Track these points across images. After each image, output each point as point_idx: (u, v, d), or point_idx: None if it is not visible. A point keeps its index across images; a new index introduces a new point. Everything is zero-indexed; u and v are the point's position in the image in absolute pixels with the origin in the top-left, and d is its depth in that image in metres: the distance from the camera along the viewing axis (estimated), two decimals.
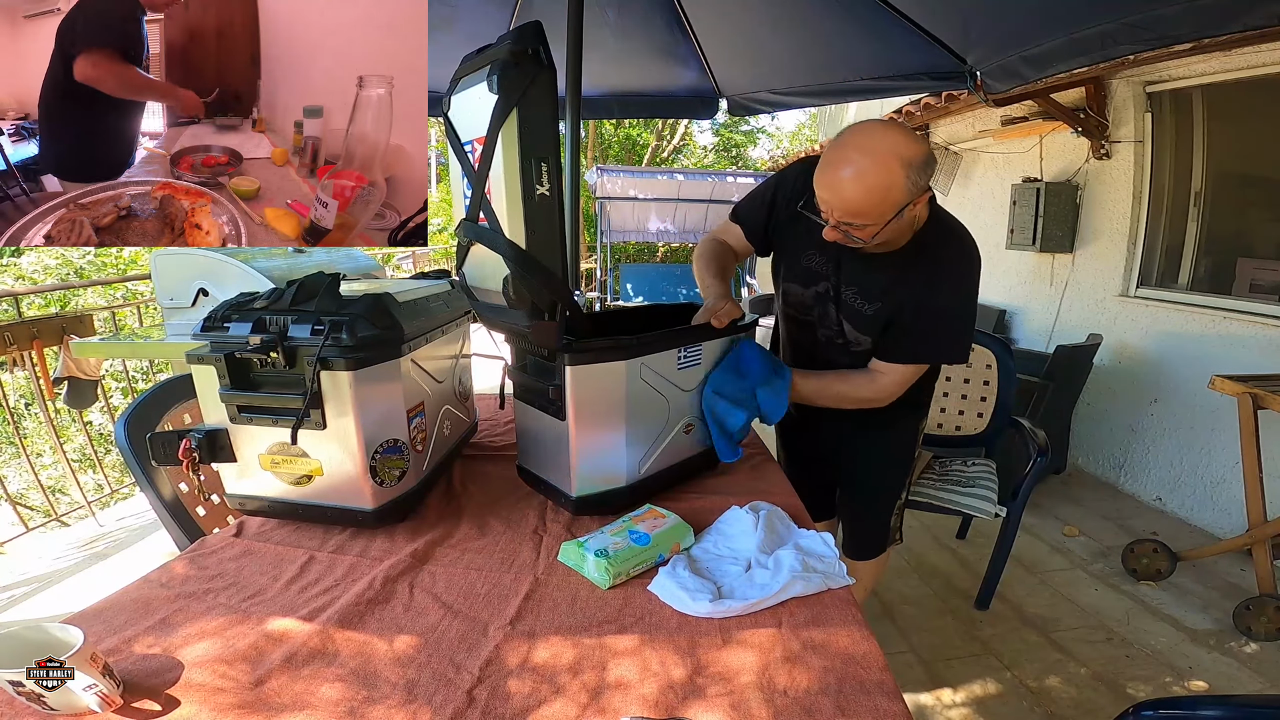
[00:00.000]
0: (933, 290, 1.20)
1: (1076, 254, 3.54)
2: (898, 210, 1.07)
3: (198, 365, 1.01)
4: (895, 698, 0.69)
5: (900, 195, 1.05)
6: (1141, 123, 3.11)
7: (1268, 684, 1.84)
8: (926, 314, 1.21)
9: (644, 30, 2.78)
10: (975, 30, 2.09)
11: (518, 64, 0.86)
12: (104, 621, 0.81)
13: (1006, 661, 1.91)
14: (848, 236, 1.12)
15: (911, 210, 1.10)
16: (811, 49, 2.70)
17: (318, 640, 0.79)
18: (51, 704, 0.64)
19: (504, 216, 0.93)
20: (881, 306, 1.23)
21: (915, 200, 1.08)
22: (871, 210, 1.06)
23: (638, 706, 0.68)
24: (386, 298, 1.06)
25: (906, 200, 1.06)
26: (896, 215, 1.07)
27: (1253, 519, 2.10)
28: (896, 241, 1.19)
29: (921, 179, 1.06)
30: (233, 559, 0.99)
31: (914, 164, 1.04)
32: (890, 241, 1.17)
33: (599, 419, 1.07)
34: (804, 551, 0.95)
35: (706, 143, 15.57)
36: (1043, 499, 3.03)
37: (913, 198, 1.07)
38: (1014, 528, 2.01)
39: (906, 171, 1.03)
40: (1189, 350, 2.90)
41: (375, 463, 1.02)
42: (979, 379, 2.19)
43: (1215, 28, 1.43)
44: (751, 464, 1.38)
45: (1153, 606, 2.19)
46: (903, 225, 1.12)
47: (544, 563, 0.98)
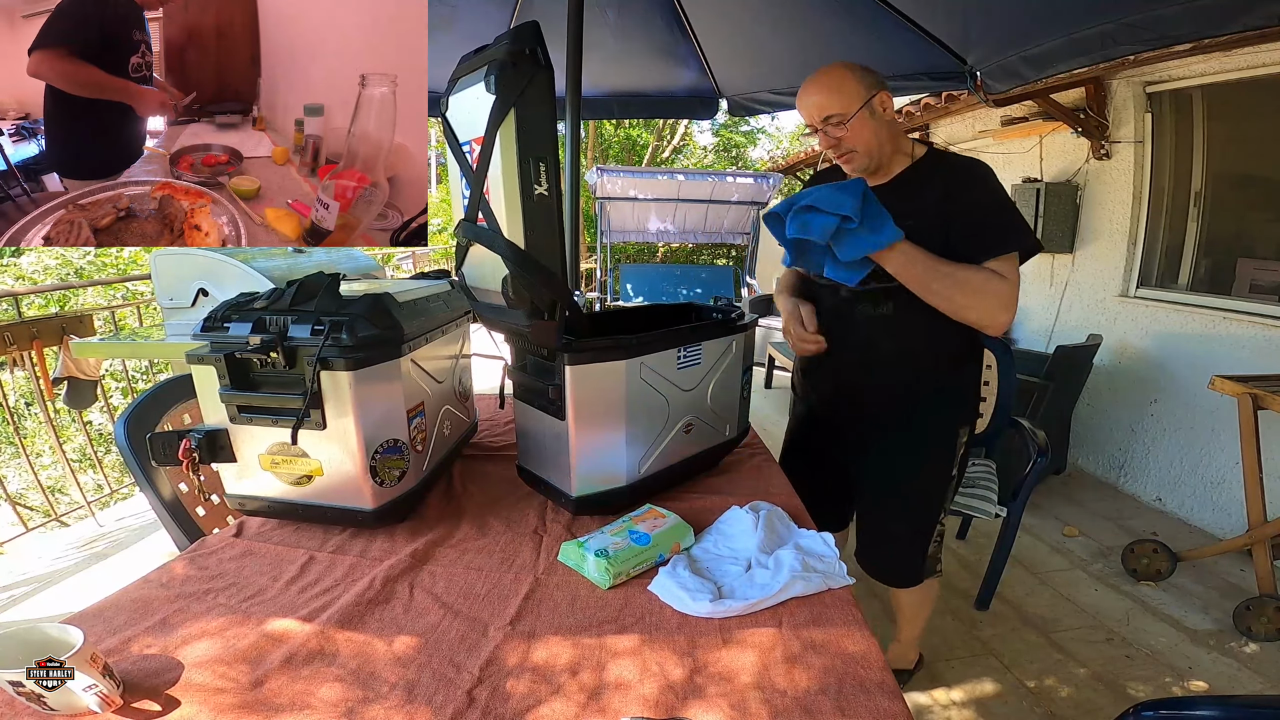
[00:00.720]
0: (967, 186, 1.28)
1: (1076, 254, 3.54)
2: (862, 100, 1.25)
3: (198, 365, 1.01)
4: (895, 698, 0.69)
5: (855, 85, 1.26)
6: (1141, 123, 3.11)
7: (1268, 684, 1.83)
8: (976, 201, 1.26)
9: (644, 30, 2.78)
10: (975, 30, 2.09)
11: (515, 64, 0.86)
12: (104, 622, 0.81)
13: (1006, 661, 1.91)
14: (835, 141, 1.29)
15: (881, 104, 1.28)
16: (811, 49, 2.69)
17: (318, 640, 0.79)
18: (51, 704, 0.64)
19: (503, 216, 0.93)
20: (914, 220, 1.22)
21: (875, 93, 1.27)
22: (836, 99, 1.26)
23: (638, 706, 0.68)
24: (386, 298, 1.06)
25: (865, 91, 1.26)
26: (865, 105, 1.25)
27: (1253, 519, 2.10)
28: (886, 158, 1.33)
29: (869, 77, 1.27)
30: (233, 559, 0.99)
31: (858, 67, 1.28)
32: (878, 157, 1.31)
33: (599, 419, 1.07)
34: (804, 551, 0.95)
35: (706, 143, 15.56)
36: (1043, 499, 3.03)
37: (870, 90, 1.26)
38: (1014, 528, 2.01)
39: (853, 70, 1.27)
40: (1189, 350, 2.90)
41: (375, 463, 1.02)
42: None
43: (1215, 28, 1.43)
44: (751, 464, 1.38)
45: (1153, 606, 2.19)
46: (880, 130, 1.29)
47: (544, 563, 0.98)
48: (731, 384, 1.28)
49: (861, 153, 1.29)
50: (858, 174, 1.33)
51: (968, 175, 1.29)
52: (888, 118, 1.30)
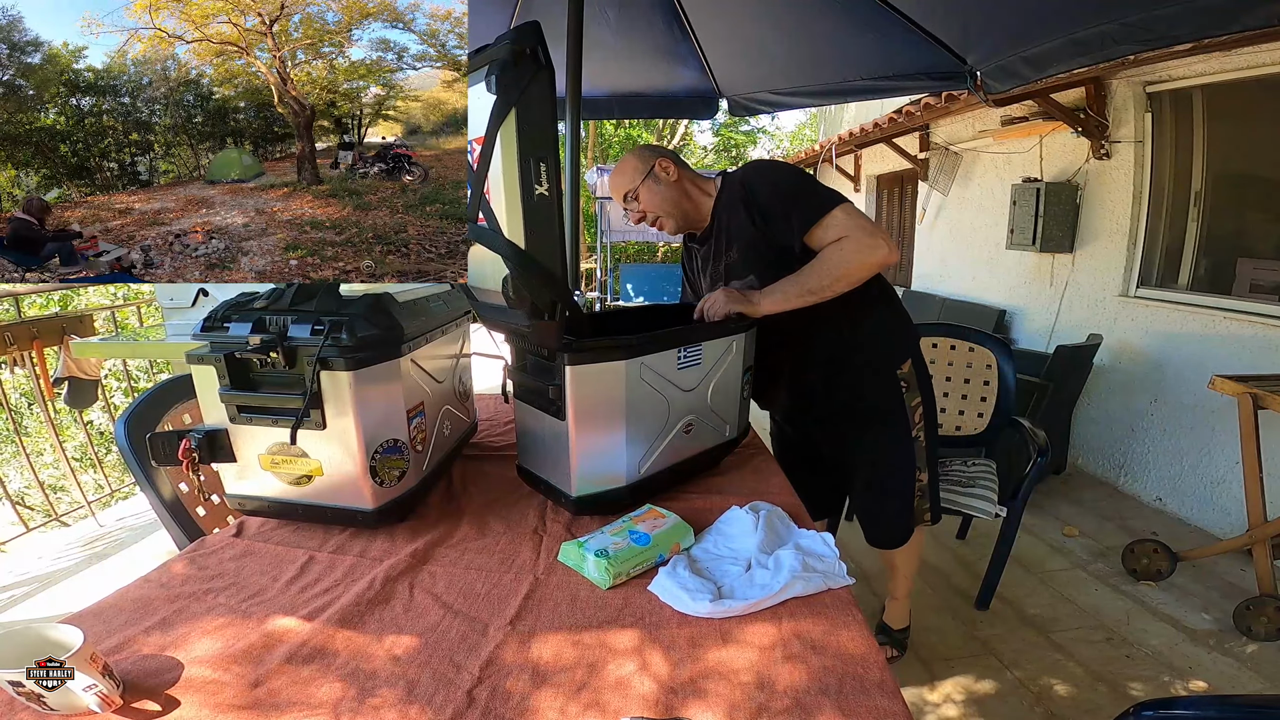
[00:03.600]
0: (757, 185, 1.39)
1: (1076, 254, 3.54)
2: (643, 173, 1.43)
3: (198, 365, 1.01)
4: (895, 698, 0.69)
5: (635, 163, 1.45)
6: (1141, 123, 3.11)
7: (1268, 684, 1.83)
8: (770, 193, 1.37)
9: (644, 30, 2.78)
10: (975, 30, 2.09)
11: (516, 64, 0.86)
12: (104, 621, 0.81)
13: (1006, 661, 1.91)
14: (641, 214, 1.46)
15: (661, 169, 1.43)
16: (811, 49, 2.69)
17: (318, 640, 0.79)
18: (51, 704, 0.64)
19: (503, 216, 0.93)
20: (740, 244, 1.40)
21: (652, 163, 1.43)
22: (623, 179, 1.45)
23: (638, 706, 0.68)
24: (386, 298, 1.06)
25: (643, 165, 1.43)
26: (648, 176, 1.43)
27: (1253, 519, 2.10)
28: (692, 212, 1.47)
29: (647, 152, 1.46)
30: (233, 559, 0.99)
31: (637, 150, 1.47)
32: (679, 215, 1.46)
33: (599, 419, 1.07)
34: (804, 551, 0.95)
35: (706, 143, 15.57)
36: (1043, 499, 3.03)
37: (648, 163, 1.43)
38: (1014, 528, 2.01)
39: (635, 152, 1.47)
40: (1189, 350, 2.90)
41: (375, 463, 1.02)
42: (979, 379, 2.19)
43: (1215, 28, 1.43)
44: (751, 464, 1.38)
45: (1153, 606, 2.19)
46: (669, 191, 1.44)
47: (544, 563, 0.98)
48: (732, 384, 1.28)
49: (664, 215, 1.45)
50: (674, 234, 1.54)
51: (753, 176, 1.42)
52: (673, 179, 1.45)
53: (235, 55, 1.25)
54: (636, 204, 1.45)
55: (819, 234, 1.32)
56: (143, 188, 1.29)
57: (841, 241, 1.30)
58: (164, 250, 1.13)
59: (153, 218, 1.21)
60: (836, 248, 1.31)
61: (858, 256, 1.30)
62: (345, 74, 1.29)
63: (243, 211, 1.23)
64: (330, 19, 1.25)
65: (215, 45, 1.24)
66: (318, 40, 1.24)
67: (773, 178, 1.40)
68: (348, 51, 1.27)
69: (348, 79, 1.30)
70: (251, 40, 1.24)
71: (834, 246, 1.31)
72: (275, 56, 1.25)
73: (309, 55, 1.26)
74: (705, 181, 1.50)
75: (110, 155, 1.27)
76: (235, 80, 1.28)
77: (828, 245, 1.32)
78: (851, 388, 1.51)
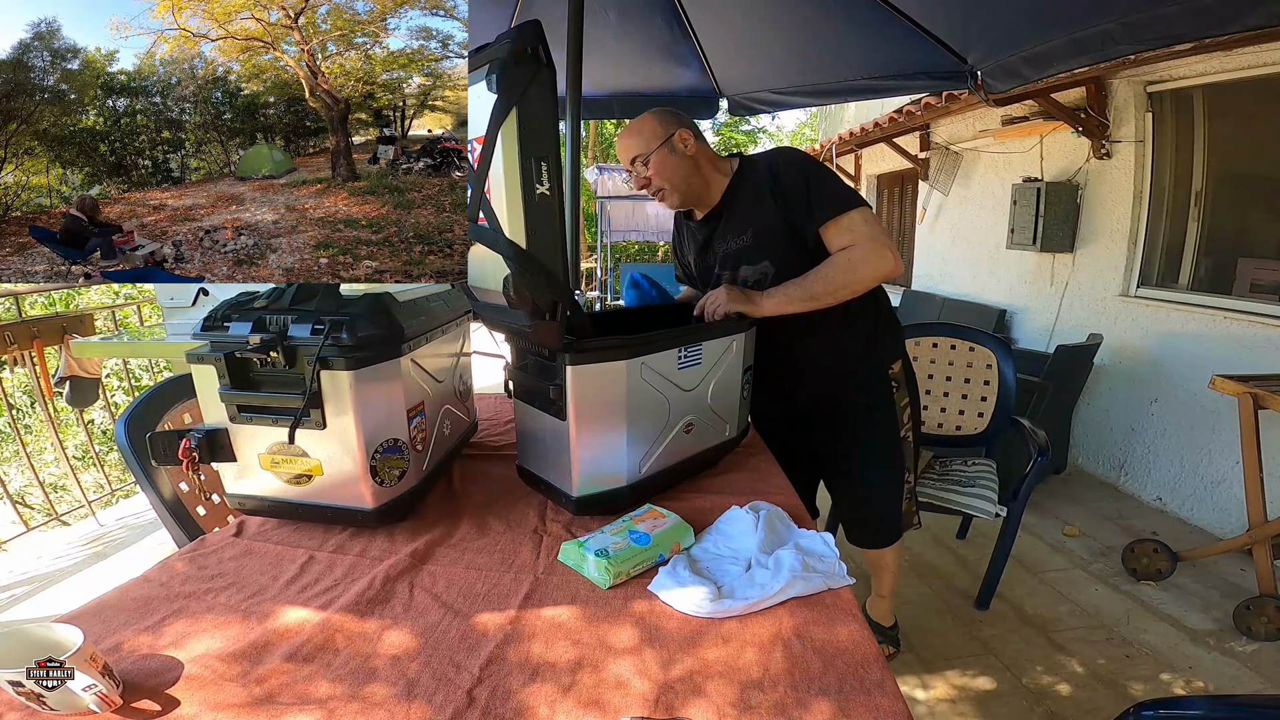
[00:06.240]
0: (783, 173, 1.36)
1: (1077, 254, 3.54)
2: (660, 139, 1.36)
3: (198, 365, 1.01)
4: (895, 698, 0.69)
5: (654, 126, 1.37)
6: (1142, 122, 3.11)
7: (1268, 684, 1.83)
8: (795, 180, 1.34)
9: (644, 30, 2.78)
10: (975, 30, 2.09)
11: (517, 63, 0.86)
12: (103, 621, 0.81)
13: (1006, 661, 1.91)
14: (646, 180, 1.39)
15: (680, 141, 1.36)
16: (811, 49, 2.69)
17: (318, 640, 0.79)
18: (51, 704, 0.64)
19: (504, 216, 0.93)
20: (757, 228, 1.38)
21: (674, 132, 1.36)
22: (637, 140, 1.38)
23: (638, 706, 0.68)
24: (386, 297, 1.06)
25: (663, 131, 1.36)
26: (664, 143, 1.35)
27: (1253, 519, 2.10)
28: (700, 190, 1.42)
29: (670, 118, 1.38)
30: (233, 558, 0.99)
31: (661, 111, 1.40)
32: (685, 190, 1.41)
33: (599, 419, 1.07)
34: (804, 551, 0.95)
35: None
36: (1043, 499, 3.03)
37: (669, 130, 1.36)
38: (1014, 528, 2.01)
39: (656, 114, 1.39)
40: (1189, 350, 2.90)
41: (375, 462, 1.02)
42: (979, 379, 2.19)
43: (1216, 28, 1.43)
44: (751, 464, 1.38)
45: (1153, 606, 2.19)
46: (683, 165, 1.37)
47: (544, 563, 0.98)
48: (732, 384, 1.28)
49: (669, 189, 1.40)
50: (675, 209, 1.50)
51: (781, 162, 1.38)
52: (690, 153, 1.38)
53: (261, 50, 1.25)
54: (645, 169, 1.38)
55: (834, 229, 1.32)
56: (175, 184, 1.29)
57: (850, 250, 1.30)
58: (194, 246, 1.14)
59: (184, 214, 1.22)
60: (845, 255, 1.30)
61: (864, 268, 1.30)
62: (383, 64, 1.27)
63: (273, 208, 1.22)
64: (361, 8, 1.23)
65: (240, 41, 1.23)
66: (349, 31, 1.23)
67: (801, 165, 1.38)
68: (385, 41, 1.25)
69: (386, 69, 1.28)
70: (277, 34, 1.23)
71: (843, 254, 1.31)
72: (303, 49, 1.24)
73: (340, 46, 1.24)
74: (722, 161, 1.45)
75: (144, 153, 1.28)
76: (263, 75, 1.28)
77: (837, 251, 1.32)
78: (844, 387, 1.51)
